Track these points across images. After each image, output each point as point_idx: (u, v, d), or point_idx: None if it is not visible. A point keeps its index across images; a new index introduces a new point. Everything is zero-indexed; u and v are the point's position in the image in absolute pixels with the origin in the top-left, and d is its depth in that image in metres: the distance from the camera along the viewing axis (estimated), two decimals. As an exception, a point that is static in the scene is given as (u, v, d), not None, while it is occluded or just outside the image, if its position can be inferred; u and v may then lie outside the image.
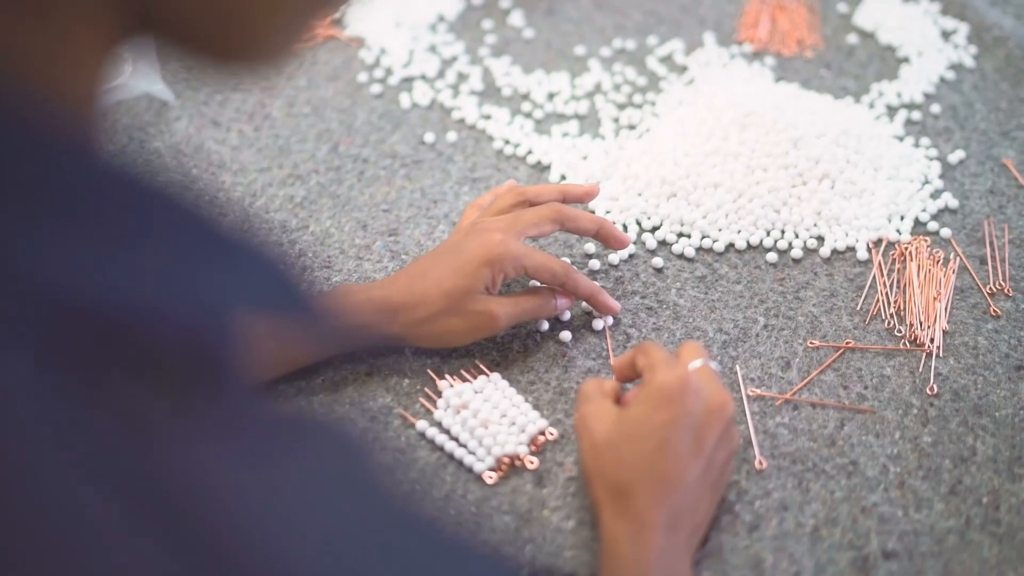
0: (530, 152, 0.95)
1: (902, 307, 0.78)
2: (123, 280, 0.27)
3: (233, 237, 0.32)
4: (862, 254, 0.83)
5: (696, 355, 0.65)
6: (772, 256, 0.83)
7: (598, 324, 0.77)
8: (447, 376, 0.74)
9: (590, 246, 0.84)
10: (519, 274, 0.73)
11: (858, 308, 0.79)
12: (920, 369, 0.74)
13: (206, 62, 0.33)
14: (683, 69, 1.05)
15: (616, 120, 0.98)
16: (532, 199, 0.77)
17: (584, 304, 0.78)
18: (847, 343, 0.76)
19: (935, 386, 0.73)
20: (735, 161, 0.86)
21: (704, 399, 0.61)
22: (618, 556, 0.59)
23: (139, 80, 0.94)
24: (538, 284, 0.77)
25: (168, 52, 0.32)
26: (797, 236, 0.84)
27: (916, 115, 0.97)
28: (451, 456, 0.70)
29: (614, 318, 0.78)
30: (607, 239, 0.77)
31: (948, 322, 0.77)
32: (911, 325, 0.77)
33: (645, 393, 0.62)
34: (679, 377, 0.61)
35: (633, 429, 0.61)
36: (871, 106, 0.99)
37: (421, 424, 0.71)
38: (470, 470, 0.69)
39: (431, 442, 0.71)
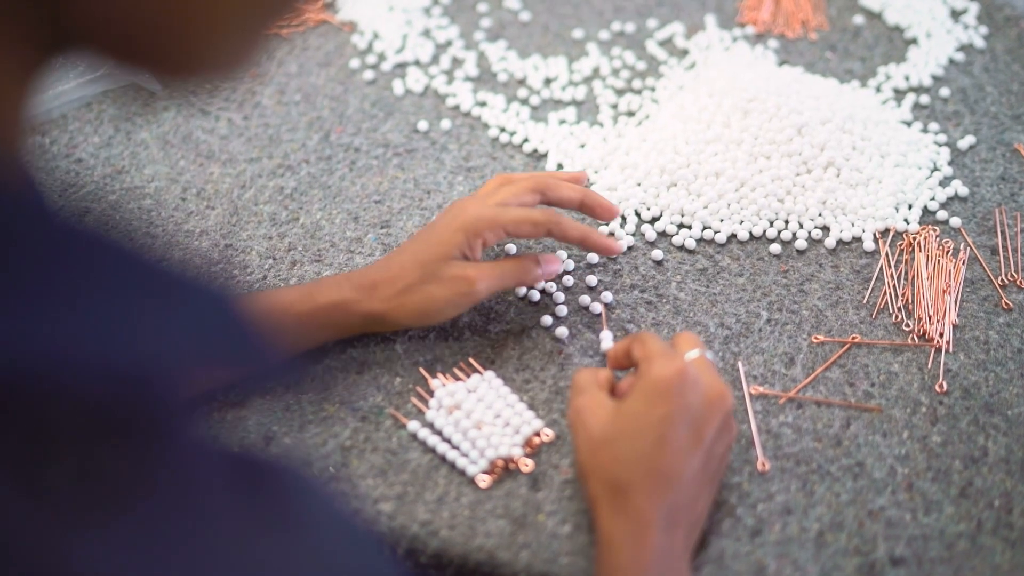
0: (526, 140, 0.92)
1: (910, 300, 0.76)
2: (27, 334, 0.24)
3: (166, 279, 0.29)
4: (869, 245, 0.80)
5: (692, 345, 0.63)
6: (775, 247, 0.80)
7: (596, 307, 0.75)
8: (440, 374, 0.72)
9: (588, 238, 0.81)
10: (499, 236, 0.70)
11: (864, 301, 0.76)
12: (929, 365, 0.71)
13: (152, 75, 0.30)
14: (684, 53, 1.02)
15: (614, 106, 0.95)
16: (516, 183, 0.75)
17: (581, 299, 0.76)
18: (853, 338, 0.73)
19: (944, 383, 0.70)
20: (737, 149, 0.83)
21: (702, 391, 0.60)
22: (615, 556, 0.57)
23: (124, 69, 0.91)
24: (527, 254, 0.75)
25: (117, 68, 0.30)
26: (801, 226, 0.82)
27: (924, 99, 0.94)
28: (443, 458, 0.68)
29: (611, 314, 0.75)
30: (593, 209, 0.75)
31: (958, 316, 0.75)
32: (919, 319, 0.74)
33: (642, 386, 0.60)
34: (676, 370, 0.60)
35: (630, 424, 0.60)
36: (878, 90, 0.96)
37: (413, 425, 0.69)
38: (463, 473, 0.67)
39: (423, 444, 0.68)
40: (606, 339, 0.73)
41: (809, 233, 0.81)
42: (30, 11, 0.26)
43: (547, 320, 0.75)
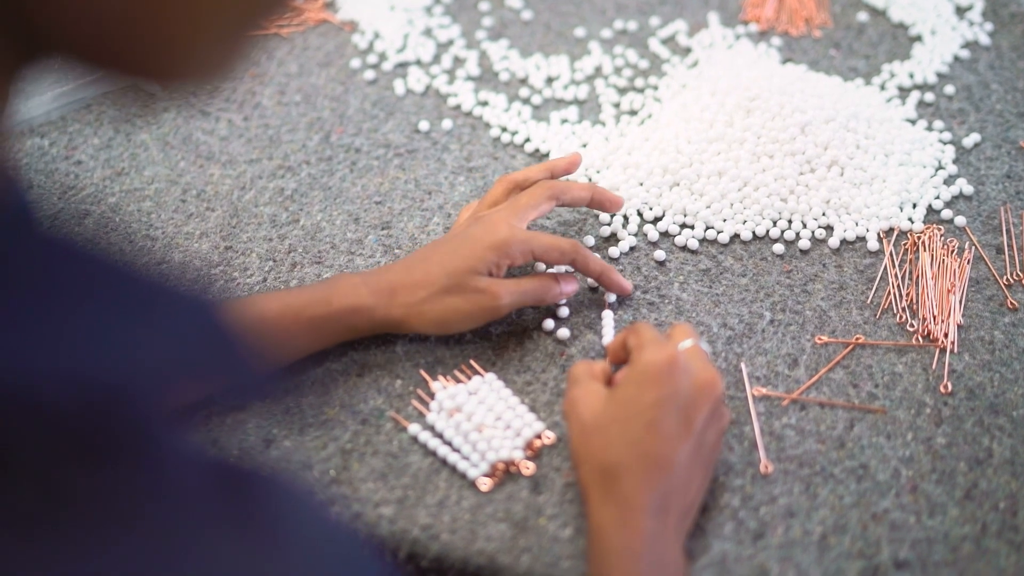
0: (528, 140, 0.91)
1: (915, 300, 0.75)
2: None
3: (147, 289, 0.28)
4: (873, 244, 0.79)
5: (687, 335, 0.64)
6: (779, 247, 0.80)
7: (607, 315, 0.75)
8: (440, 376, 0.72)
9: (589, 239, 0.81)
10: (526, 259, 0.71)
11: (868, 301, 0.76)
12: (933, 366, 0.71)
13: (137, 81, 0.30)
14: (686, 51, 1.01)
15: (617, 105, 0.95)
16: (522, 183, 0.77)
17: (583, 302, 0.75)
18: (857, 339, 0.73)
19: (949, 384, 0.69)
20: (740, 148, 0.82)
21: (692, 377, 0.60)
22: (606, 543, 0.57)
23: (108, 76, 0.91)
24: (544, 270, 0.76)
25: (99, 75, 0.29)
26: (805, 226, 0.81)
27: (929, 96, 0.93)
28: (444, 461, 0.67)
29: (613, 315, 0.75)
30: (601, 203, 0.77)
31: (963, 316, 0.74)
32: (924, 319, 0.74)
33: (633, 373, 0.61)
34: (667, 356, 0.60)
35: (620, 410, 0.60)
36: (882, 88, 0.95)
37: (413, 428, 0.69)
38: (464, 476, 0.66)
39: (424, 447, 0.68)
40: (607, 319, 0.74)
41: (812, 233, 0.81)
42: None
43: (549, 323, 0.75)
